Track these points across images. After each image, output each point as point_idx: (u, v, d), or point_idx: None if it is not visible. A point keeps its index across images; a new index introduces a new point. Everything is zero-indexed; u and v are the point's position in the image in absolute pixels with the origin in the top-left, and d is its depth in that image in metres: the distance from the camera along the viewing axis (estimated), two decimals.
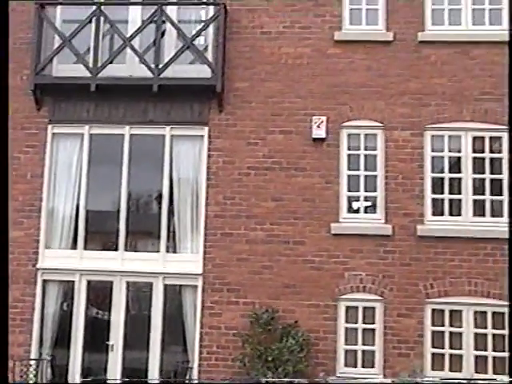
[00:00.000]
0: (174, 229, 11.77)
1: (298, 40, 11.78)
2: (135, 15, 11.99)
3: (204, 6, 12.15)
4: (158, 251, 11.58)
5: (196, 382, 10.79)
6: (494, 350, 10.80)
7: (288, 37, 11.79)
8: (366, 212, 11.56)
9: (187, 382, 10.87)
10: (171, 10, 11.79)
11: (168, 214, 11.74)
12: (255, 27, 11.88)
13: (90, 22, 11.75)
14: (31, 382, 10.69)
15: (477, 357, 10.79)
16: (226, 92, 11.61)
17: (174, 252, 11.70)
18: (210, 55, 11.69)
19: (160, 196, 11.83)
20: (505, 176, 11.20)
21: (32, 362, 10.77)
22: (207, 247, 11.42)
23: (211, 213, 11.48)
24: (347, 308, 11.12)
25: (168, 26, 11.70)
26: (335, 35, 11.67)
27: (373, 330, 11.03)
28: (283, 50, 11.78)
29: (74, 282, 11.53)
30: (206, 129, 11.68)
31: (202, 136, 11.71)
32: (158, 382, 10.85)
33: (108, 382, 10.98)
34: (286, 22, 11.84)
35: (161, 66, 11.42)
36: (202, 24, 11.81)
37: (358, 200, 11.62)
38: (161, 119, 11.77)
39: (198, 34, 11.68)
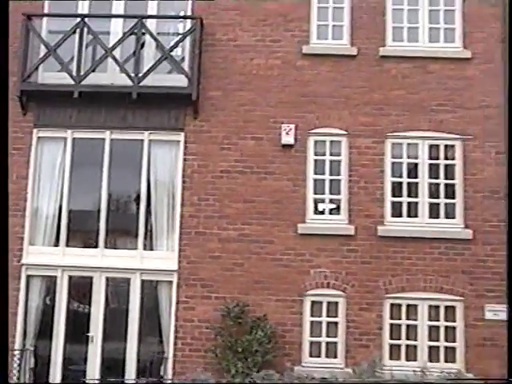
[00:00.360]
0: (151, 228, 11.92)
1: (269, 53, 12.06)
2: (117, 27, 12.17)
3: (182, 20, 12.42)
4: (135, 249, 11.75)
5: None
6: (446, 341, 11.30)
7: (259, 50, 12.07)
8: (330, 213, 11.81)
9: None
10: (151, 23, 12.00)
11: (145, 213, 11.89)
12: (229, 40, 12.12)
13: (74, 33, 11.88)
14: (15, 370, 10.96)
15: (430, 347, 11.25)
16: (201, 100, 11.82)
17: (151, 249, 11.87)
18: (186, 65, 11.91)
19: (138, 197, 11.99)
20: (457, 181, 11.68)
21: (16, 352, 11.00)
22: (182, 245, 11.60)
23: (186, 213, 11.69)
24: (312, 302, 11.42)
25: (147, 37, 11.90)
26: (303, 49, 11.99)
27: (336, 323, 11.36)
28: (255, 62, 12.05)
29: (56, 277, 11.62)
30: (182, 134, 11.89)
31: (178, 141, 11.91)
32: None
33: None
34: (258, 36, 12.11)
35: (140, 75, 11.64)
36: (180, 36, 12.08)
37: (323, 202, 11.86)
38: (139, 125, 11.92)
39: (175, 46, 11.96)
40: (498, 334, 11.18)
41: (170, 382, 10.93)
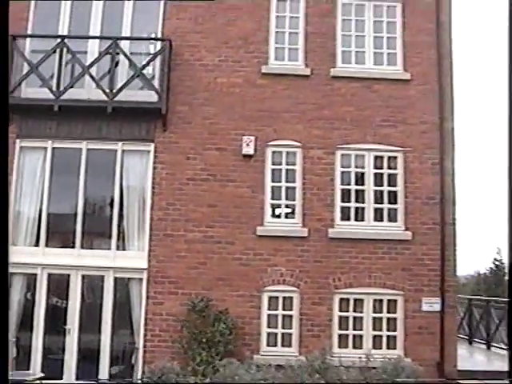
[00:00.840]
0: (124, 230, 12.25)
1: (231, 72, 12.52)
2: (93, 47, 12.46)
3: (153, 41, 12.77)
4: (109, 249, 12.09)
5: None
6: (388, 330, 12.06)
7: (223, 69, 12.52)
8: (286, 217, 12.38)
9: None
10: (124, 44, 12.33)
11: (118, 217, 12.21)
12: (195, 60, 12.53)
13: (55, 52, 12.10)
14: None
15: (374, 336, 12.00)
16: (169, 114, 12.20)
17: (123, 250, 12.20)
18: (156, 83, 12.24)
19: (112, 202, 12.29)
20: (399, 188, 12.44)
21: None
22: (152, 246, 11.99)
23: (155, 216, 12.08)
24: (269, 297, 11.96)
25: (121, 57, 12.19)
26: (262, 69, 12.54)
27: (290, 315, 11.94)
28: (218, 80, 12.51)
29: (36, 274, 11.86)
30: (152, 145, 12.27)
31: (149, 151, 12.28)
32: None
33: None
34: (221, 57, 12.57)
35: (114, 90, 11.95)
36: (151, 56, 12.41)
37: (279, 207, 12.41)
38: (113, 136, 12.23)
39: (146, 65, 12.27)
40: (432, 324, 12.03)
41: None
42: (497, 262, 31.27)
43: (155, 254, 12.05)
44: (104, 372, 11.75)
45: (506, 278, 31.66)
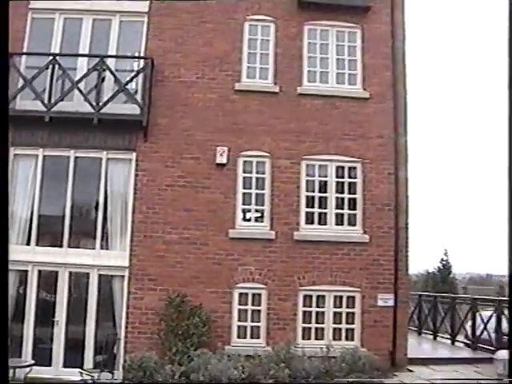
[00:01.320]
0: (107, 231, 12.67)
1: (207, 88, 13.13)
2: (82, 64, 12.92)
3: (136, 60, 13.38)
4: (94, 248, 12.52)
5: None
6: (347, 324, 12.78)
7: (200, 85, 13.14)
8: (256, 221, 12.99)
9: None
10: (110, 61, 12.84)
11: (103, 219, 12.62)
12: (175, 77, 13.13)
13: (47, 68, 12.56)
14: None
15: (334, 329, 12.65)
16: (150, 126, 12.70)
17: (107, 249, 12.62)
18: (139, 97, 12.76)
19: (97, 205, 12.74)
20: (358, 196, 13.18)
21: None
22: (133, 246, 12.47)
23: (136, 219, 12.58)
24: (240, 294, 12.54)
25: (107, 73, 12.70)
26: (236, 86, 13.18)
27: (259, 310, 12.54)
28: (196, 95, 13.10)
29: (27, 271, 12.22)
30: (134, 154, 12.74)
31: (131, 159, 12.75)
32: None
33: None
34: (199, 74, 13.18)
35: (100, 104, 12.41)
36: (134, 73, 12.99)
37: (250, 211, 13.01)
38: (99, 145, 12.63)
39: (130, 81, 12.89)
40: (386, 317, 12.82)
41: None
42: (444, 262, 32.87)
43: (136, 254, 12.49)
44: (88, 360, 12.13)
45: (451, 275, 33.20)
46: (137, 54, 13.51)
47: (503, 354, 7.58)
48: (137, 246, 12.56)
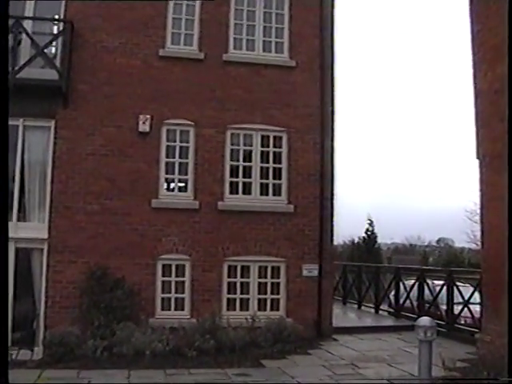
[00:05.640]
0: (25, 202, 12.34)
1: (130, 54, 12.83)
2: None
3: (56, 23, 12.84)
4: (10, 220, 11.70)
5: None
6: (272, 294, 12.94)
7: (122, 51, 12.81)
8: (179, 191, 12.91)
9: None
10: (27, 23, 12.30)
11: (20, 190, 12.25)
12: (96, 42, 12.74)
13: None
14: None
15: (259, 300, 12.85)
16: (70, 92, 12.39)
17: (25, 221, 12.29)
18: (58, 62, 12.35)
19: (13, 175, 12.22)
20: (283, 165, 13.24)
21: None
22: (52, 217, 12.19)
23: (56, 189, 12.25)
24: (163, 265, 12.49)
25: (24, 36, 12.12)
26: (160, 52, 12.91)
27: (183, 281, 12.53)
28: (118, 61, 12.77)
29: None
30: (53, 121, 12.38)
31: (50, 127, 12.39)
32: None
33: None
34: (122, 39, 12.83)
35: (16, 68, 11.83)
36: (52, 37, 12.48)
37: (173, 181, 12.94)
38: (15, 112, 11.19)
39: (48, 45, 12.34)
40: (311, 287, 13.03)
41: None
42: (368, 233, 33.60)
43: (56, 225, 12.24)
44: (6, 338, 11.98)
45: (376, 246, 34.01)
46: (56, 17, 13.01)
47: (424, 320, 7.83)
48: (56, 217, 12.30)
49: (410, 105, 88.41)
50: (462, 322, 13.50)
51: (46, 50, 12.41)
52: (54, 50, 12.73)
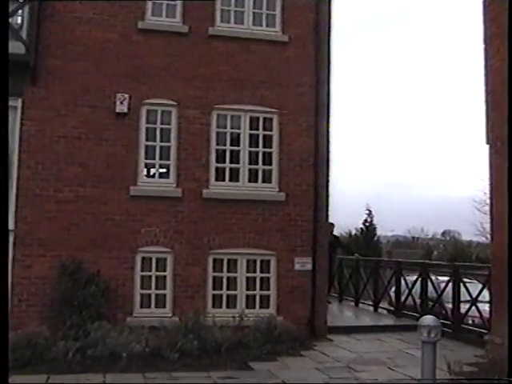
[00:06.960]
0: None
1: (106, 26, 12.05)
2: None
3: None
4: None
5: None
6: (261, 290, 12.41)
7: (97, 22, 12.04)
8: (160, 177, 12.35)
9: None
10: None
11: None
12: (68, 12, 11.93)
13: None
14: None
15: (248, 296, 12.31)
16: (39, 68, 11.63)
17: None
18: (24, 34, 11.52)
19: None
20: (274, 150, 12.66)
21: None
22: (19, 207, 11.50)
23: (23, 176, 11.59)
24: (143, 258, 11.91)
25: None
26: (139, 24, 12.16)
27: (164, 276, 11.95)
28: (92, 34, 12.01)
29: None
30: (20, 100, 11.63)
31: (16, 106, 11.59)
32: None
33: None
34: (96, 10, 12.03)
35: None
36: (17, 4, 11.53)
37: (154, 167, 12.43)
38: None
39: (12, 14, 11.42)
40: (304, 283, 12.48)
41: None
42: (367, 224, 32.74)
43: (23, 215, 11.64)
44: None
45: (375, 238, 33.24)
46: None
47: (428, 319, 7.29)
48: (24, 206, 11.64)
49: (416, 86, 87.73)
50: (470, 321, 13.10)
51: (10, 20, 11.52)
52: (19, 19, 11.96)
